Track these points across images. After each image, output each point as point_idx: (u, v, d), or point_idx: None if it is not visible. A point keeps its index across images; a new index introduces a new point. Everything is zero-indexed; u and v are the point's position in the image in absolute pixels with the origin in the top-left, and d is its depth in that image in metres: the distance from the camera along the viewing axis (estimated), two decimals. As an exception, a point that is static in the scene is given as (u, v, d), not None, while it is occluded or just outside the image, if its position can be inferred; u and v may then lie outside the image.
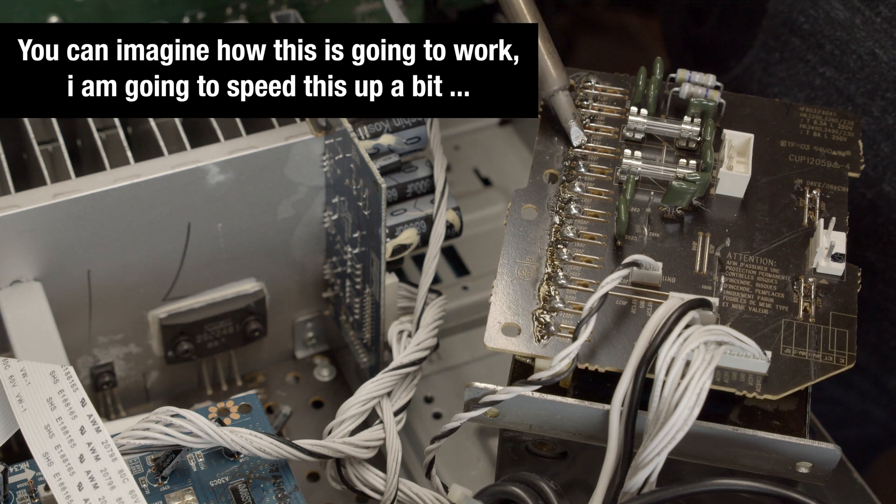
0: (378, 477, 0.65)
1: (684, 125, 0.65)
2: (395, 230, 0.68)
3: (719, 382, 0.58)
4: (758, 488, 0.56)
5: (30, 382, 0.59)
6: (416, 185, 0.70)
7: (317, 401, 0.78)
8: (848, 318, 0.60)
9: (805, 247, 0.62)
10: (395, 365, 0.67)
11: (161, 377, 0.76)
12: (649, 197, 0.64)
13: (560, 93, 0.65)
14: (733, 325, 0.59)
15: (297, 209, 0.72)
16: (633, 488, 0.56)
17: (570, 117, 0.65)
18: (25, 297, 0.67)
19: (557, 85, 0.65)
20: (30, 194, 0.66)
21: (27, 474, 0.59)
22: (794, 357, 0.58)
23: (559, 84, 0.65)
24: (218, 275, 0.73)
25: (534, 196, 0.64)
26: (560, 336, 0.59)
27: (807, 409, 0.59)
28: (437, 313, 0.69)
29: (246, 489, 0.59)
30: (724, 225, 0.63)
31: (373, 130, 0.69)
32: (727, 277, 0.61)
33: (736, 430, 0.57)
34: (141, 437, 0.58)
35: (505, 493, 0.58)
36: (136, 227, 0.68)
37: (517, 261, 0.61)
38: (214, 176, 0.68)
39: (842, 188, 0.65)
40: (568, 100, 0.65)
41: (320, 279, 0.76)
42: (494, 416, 0.59)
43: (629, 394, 0.57)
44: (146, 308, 0.72)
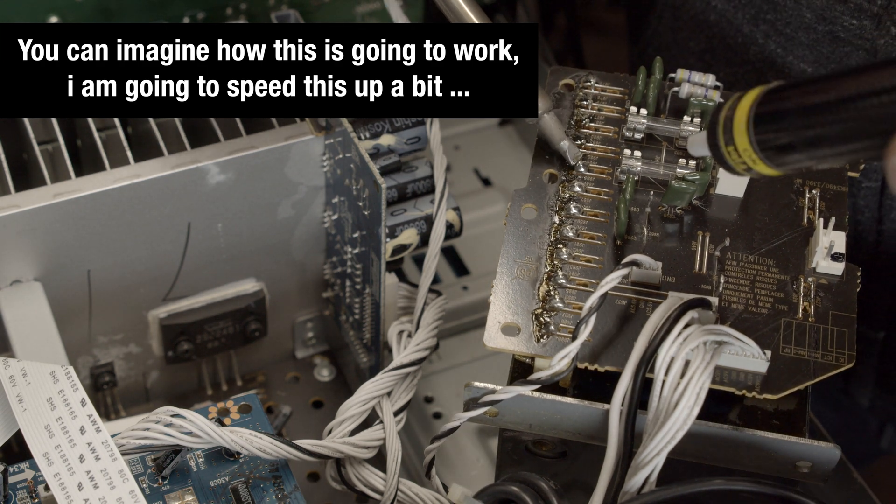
0: (378, 477, 0.65)
1: (684, 125, 0.65)
2: (395, 230, 0.68)
3: (719, 382, 0.58)
4: (758, 488, 0.56)
5: (30, 382, 0.59)
6: (416, 185, 0.70)
7: (317, 401, 0.78)
8: (847, 317, 0.60)
9: (805, 246, 0.62)
10: (395, 365, 0.67)
11: (161, 377, 0.76)
12: (649, 197, 0.64)
13: (545, 116, 0.65)
14: (733, 324, 0.59)
15: (297, 209, 0.72)
16: (633, 488, 0.56)
17: (562, 138, 0.65)
18: (25, 297, 0.67)
19: (542, 109, 0.65)
20: (30, 194, 0.66)
21: (27, 474, 0.59)
22: (794, 356, 0.58)
23: (542, 108, 0.65)
24: (218, 275, 0.73)
25: (533, 196, 0.64)
26: (559, 336, 0.59)
27: (807, 409, 0.59)
28: (437, 313, 0.69)
29: (246, 489, 0.59)
30: (724, 224, 0.63)
31: (373, 130, 0.69)
32: (727, 277, 0.61)
33: (736, 429, 0.57)
34: (141, 437, 0.58)
35: (505, 493, 0.58)
36: (136, 227, 0.68)
37: (517, 260, 0.62)
38: (214, 176, 0.68)
39: (841, 188, 0.65)
40: (555, 121, 0.65)
41: (320, 279, 0.76)
42: (494, 415, 0.59)
43: (629, 393, 0.57)
44: (146, 308, 0.72)
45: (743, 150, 0.52)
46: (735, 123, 0.52)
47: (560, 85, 0.68)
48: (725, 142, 0.52)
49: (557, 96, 0.68)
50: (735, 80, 0.78)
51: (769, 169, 0.52)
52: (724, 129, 0.53)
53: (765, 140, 0.51)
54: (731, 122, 0.52)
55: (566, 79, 0.69)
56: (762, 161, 0.51)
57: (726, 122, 0.52)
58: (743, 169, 0.53)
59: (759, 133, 0.51)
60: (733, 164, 0.53)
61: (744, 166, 0.53)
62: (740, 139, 0.51)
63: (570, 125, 0.66)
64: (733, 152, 0.52)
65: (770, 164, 0.51)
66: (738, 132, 0.51)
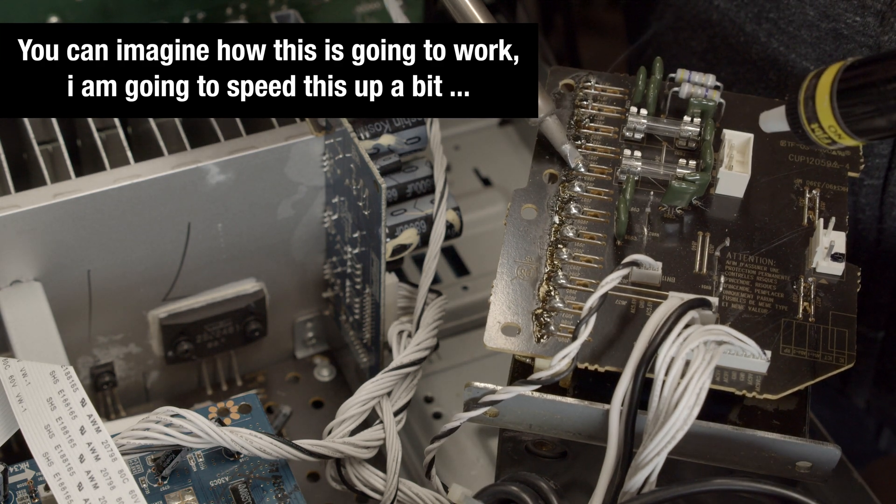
0: (378, 477, 0.65)
1: (684, 125, 0.65)
2: (395, 230, 0.68)
3: (719, 382, 0.58)
4: (758, 488, 0.56)
5: (30, 382, 0.59)
6: (416, 185, 0.70)
7: (317, 401, 0.78)
8: (847, 317, 0.60)
9: (805, 246, 0.62)
10: (395, 365, 0.67)
11: (161, 377, 0.76)
12: (649, 197, 0.64)
13: (548, 119, 0.65)
14: (733, 324, 0.59)
15: (297, 209, 0.72)
16: (633, 488, 0.56)
17: (564, 141, 0.65)
18: (25, 297, 0.67)
19: (544, 112, 0.65)
20: (30, 194, 0.66)
21: (27, 474, 0.59)
22: (794, 356, 0.58)
23: (545, 111, 0.65)
24: (218, 275, 0.73)
25: (533, 196, 0.64)
26: (559, 336, 0.59)
27: (807, 409, 0.59)
28: (437, 313, 0.69)
29: (246, 489, 0.59)
30: (724, 225, 0.63)
31: (373, 130, 0.69)
32: (727, 277, 0.61)
33: (736, 429, 0.57)
34: (141, 437, 0.58)
35: (505, 493, 0.59)
36: (136, 227, 0.68)
37: (517, 260, 0.62)
38: (214, 176, 0.68)
39: (841, 188, 0.65)
40: (557, 124, 0.65)
41: (320, 279, 0.76)
42: (494, 415, 0.59)
43: (629, 393, 0.57)
44: (146, 308, 0.72)
45: (828, 127, 0.55)
46: (818, 101, 0.54)
47: (560, 85, 0.68)
48: (808, 119, 0.55)
49: (557, 96, 0.68)
50: (737, 79, 0.78)
51: (853, 140, 0.55)
52: (805, 108, 0.55)
53: (848, 113, 0.54)
54: (812, 100, 0.55)
55: (566, 79, 0.69)
56: (847, 134, 0.54)
57: (807, 101, 0.55)
58: (827, 143, 0.56)
59: (843, 107, 0.54)
60: (818, 139, 0.56)
61: (828, 141, 0.56)
62: (824, 115, 0.54)
63: (570, 125, 0.66)
64: (817, 128, 0.55)
65: (855, 137, 0.54)
66: (822, 109, 0.54)
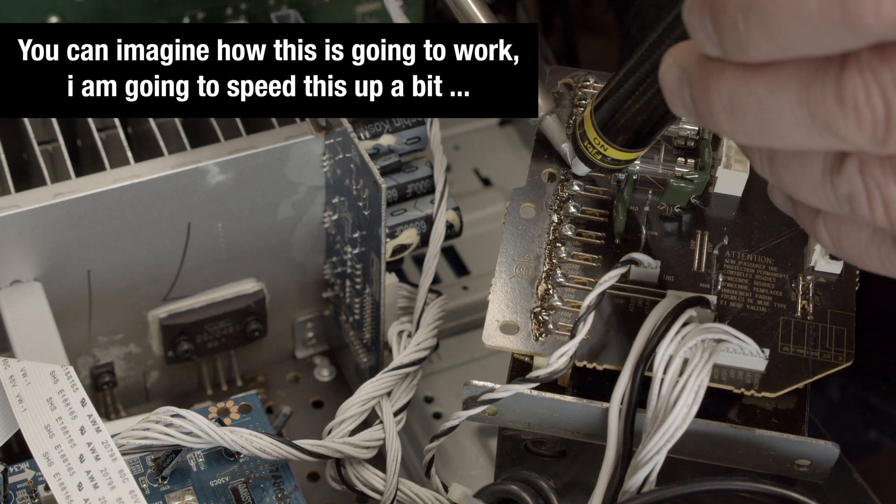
0: (378, 477, 0.65)
1: (682, 124, 0.65)
2: (395, 230, 0.68)
3: (717, 380, 0.58)
4: (758, 488, 0.56)
5: (30, 382, 0.59)
6: (416, 185, 0.70)
7: (317, 401, 0.78)
8: (846, 315, 0.60)
9: (803, 245, 0.62)
10: (394, 365, 0.67)
11: (161, 377, 0.76)
12: (648, 196, 0.64)
13: (547, 118, 0.65)
14: (731, 322, 0.59)
15: (297, 209, 0.72)
16: (633, 487, 0.56)
17: (563, 140, 0.65)
18: (25, 297, 0.67)
19: (544, 111, 0.65)
20: (30, 194, 0.66)
21: (27, 474, 0.59)
22: (793, 355, 0.58)
23: (545, 110, 0.65)
24: (218, 275, 0.73)
25: (532, 195, 0.64)
26: (558, 334, 0.59)
27: (806, 407, 0.59)
28: (437, 313, 0.69)
29: (246, 489, 0.59)
30: (723, 223, 0.63)
31: (373, 130, 0.69)
32: (725, 275, 0.61)
33: (735, 428, 0.57)
34: (141, 437, 0.59)
35: (505, 492, 0.59)
36: (136, 227, 0.68)
37: (515, 259, 0.62)
38: (214, 176, 0.68)
39: (840, 187, 0.65)
40: (557, 123, 0.65)
41: (320, 279, 0.76)
42: (493, 414, 0.59)
43: (628, 392, 0.57)
44: (146, 308, 0.72)
45: (593, 139, 0.59)
46: (584, 119, 0.60)
47: (559, 84, 0.68)
48: (581, 138, 0.60)
49: (556, 95, 0.68)
50: None
51: (618, 152, 0.59)
52: (577, 128, 0.61)
53: (601, 121, 0.59)
54: (581, 120, 0.61)
55: (565, 78, 0.69)
56: (610, 145, 0.59)
57: (578, 123, 0.61)
58: (599, 158, 0.60)
59: (597, 118, 0.59)
60: (591, 156, 0.60)
61: (599, 156, 0.60)
62: (589, 129, 0.59)
63: (569, 124, 0.67)
64: (588, 145, 0.60)
65: (616, 147, 0.59)
66: (587, 124, 0.59)
